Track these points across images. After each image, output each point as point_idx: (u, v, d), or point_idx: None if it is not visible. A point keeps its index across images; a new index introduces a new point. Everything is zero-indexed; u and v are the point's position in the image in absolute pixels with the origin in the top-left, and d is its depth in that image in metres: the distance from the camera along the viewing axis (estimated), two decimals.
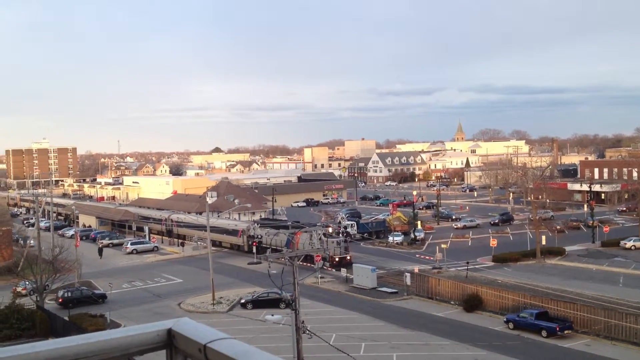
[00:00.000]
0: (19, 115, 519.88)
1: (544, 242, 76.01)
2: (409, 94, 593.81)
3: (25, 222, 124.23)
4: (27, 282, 57.45)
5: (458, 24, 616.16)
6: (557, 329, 45.53)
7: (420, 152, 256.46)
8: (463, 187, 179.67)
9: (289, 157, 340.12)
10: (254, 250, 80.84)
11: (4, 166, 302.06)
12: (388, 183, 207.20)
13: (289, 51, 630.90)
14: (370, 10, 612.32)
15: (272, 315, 45.38)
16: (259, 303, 56.16)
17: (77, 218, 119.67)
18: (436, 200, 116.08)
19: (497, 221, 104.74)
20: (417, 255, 78.42)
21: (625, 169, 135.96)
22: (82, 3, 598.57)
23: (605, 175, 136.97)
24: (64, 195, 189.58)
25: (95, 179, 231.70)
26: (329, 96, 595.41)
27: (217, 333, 2.66)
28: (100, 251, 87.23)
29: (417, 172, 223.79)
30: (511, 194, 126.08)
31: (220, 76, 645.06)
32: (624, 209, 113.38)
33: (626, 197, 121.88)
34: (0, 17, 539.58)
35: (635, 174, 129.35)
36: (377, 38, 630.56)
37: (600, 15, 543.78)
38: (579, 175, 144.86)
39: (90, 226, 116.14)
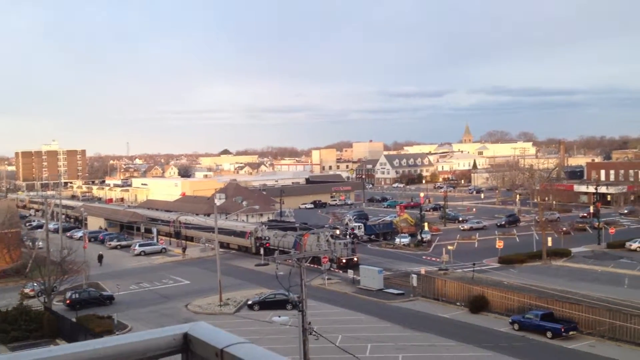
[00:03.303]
0: (28, 117, 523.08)
1: (550, 244, 76.15)
2: (420, 95, 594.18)
3: (27, 224, 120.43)
4: (35, 284, 57.85)
5: (470, 26, 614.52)
6: (562, 330, 45.71)
7: (427, 154, 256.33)
8: (470, 189, 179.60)
9: (297, 159, 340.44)
10: (262, 251, 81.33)
11: (13, 168, 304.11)
12: (395, 185, 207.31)
13: (300, 53, 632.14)
14: (383, 13, 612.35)
15: (279, 316, 45.85)
16: (266, 304, 56.50)
17: (86, 220, 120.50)
18: (443, 202, 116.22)
19: (503, 223, 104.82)
20: (424, 257, 78.60)
21: (631, 171, 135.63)
22: (90, 5, 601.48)
23: (612, 177, 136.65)
24: (73, 197, 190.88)
25: (104, 181, 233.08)
26: (339, 98, 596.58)
27: (234, 337, 2.63)
28: (100, 258, 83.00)
29: (424, 173, 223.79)
30: (518, 195, 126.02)
31: (231, 78, 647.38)
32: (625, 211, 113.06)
33: (632, 199, 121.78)
34: (9, 19, 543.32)
35: None
36: (389, 40, 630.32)
37: (610, 17, 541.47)
38: (585, 177, 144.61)
39: (106, 228, 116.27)
